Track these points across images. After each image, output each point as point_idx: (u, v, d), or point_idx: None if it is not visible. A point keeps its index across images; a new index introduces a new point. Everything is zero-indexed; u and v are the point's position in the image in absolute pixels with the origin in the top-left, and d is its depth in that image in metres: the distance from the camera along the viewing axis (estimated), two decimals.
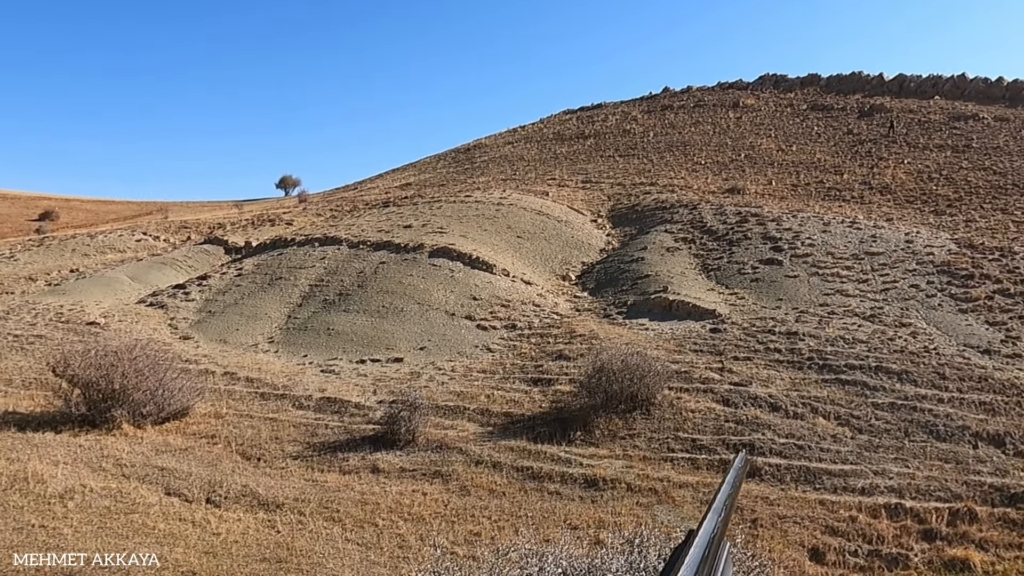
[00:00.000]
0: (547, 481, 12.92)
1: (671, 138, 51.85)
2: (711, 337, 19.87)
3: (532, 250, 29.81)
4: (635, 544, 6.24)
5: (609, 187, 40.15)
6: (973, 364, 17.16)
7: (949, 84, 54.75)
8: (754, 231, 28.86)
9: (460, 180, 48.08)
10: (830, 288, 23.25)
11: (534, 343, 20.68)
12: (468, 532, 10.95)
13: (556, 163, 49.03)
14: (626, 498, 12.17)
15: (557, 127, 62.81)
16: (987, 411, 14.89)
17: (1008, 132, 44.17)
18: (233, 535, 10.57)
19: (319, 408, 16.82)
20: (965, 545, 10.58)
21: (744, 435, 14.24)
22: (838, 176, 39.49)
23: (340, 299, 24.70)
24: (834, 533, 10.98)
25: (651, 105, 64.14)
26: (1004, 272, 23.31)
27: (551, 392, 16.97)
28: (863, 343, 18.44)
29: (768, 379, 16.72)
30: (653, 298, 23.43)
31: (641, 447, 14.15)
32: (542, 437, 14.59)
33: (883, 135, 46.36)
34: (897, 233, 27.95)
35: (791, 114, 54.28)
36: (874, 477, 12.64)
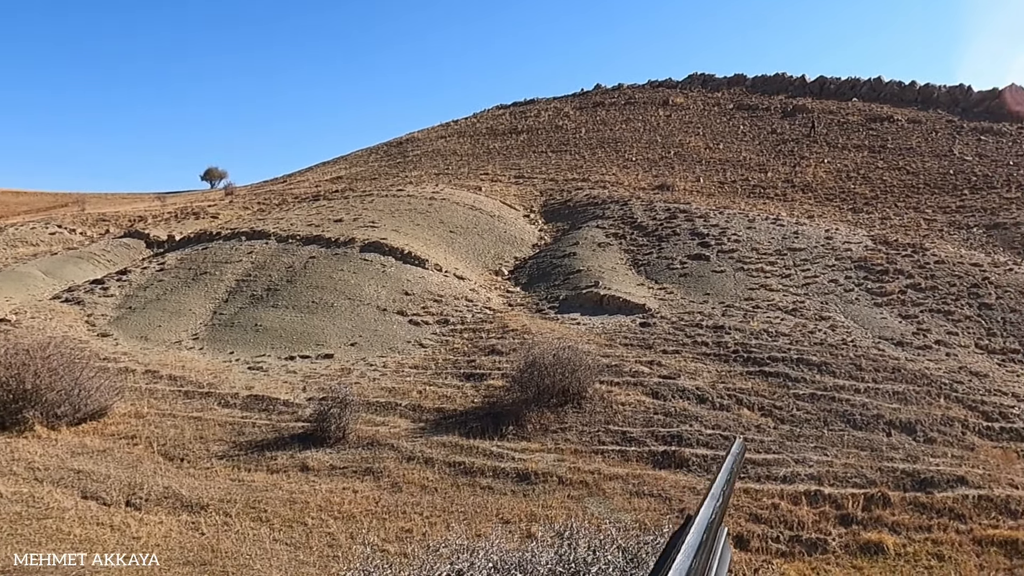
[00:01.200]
0: (479, 476, 12.92)
1: (603, 135, 52.47)
2: (641, 331, 20.21)
3: (465, 245, 29.75)
4: (565, 536, 6.29)
5: (542, 182, 40.38)
6: (887, 355, 17.93)
7: (866, 87, 56.97)
8: (683, 227, 29.46)
9: (392, 174, 47.60)
10: (755, 283, 23.93)
11: (467, 338, 20.65)
12: (399, 529, 10.86)
13: (489, 158, 49.04)
14: (558, 491, 12.27)
15: (490, 122, 62.80)
16: (900, 400, 15.57)
17: (920, 134, 46.26)
18: (154, 538, 10.22)
19: (246, 406, 16.42)
20: (879, 529, 11.05)
21: (672, 427, 14.53)
22: (763, 174, 40.67)
23: (268, 294, 24.15)
24: (758, 520, 11.31)
25: (583, 102, 64.75)
26: (916, 268, 24.42)
27: (484, 387, 16.98)
28: (785, 336, 19.05)
29: (696, 372, 17.11)
30: (585, 293, 23.69)
31: (572, 440, 14.29)
32: (474, 432, 14.59)
33: (805, 135, 47.94)
34: (818, 230, 28.95)
35: (718, 113, 55.61)
36: (795, 465, 13.07)
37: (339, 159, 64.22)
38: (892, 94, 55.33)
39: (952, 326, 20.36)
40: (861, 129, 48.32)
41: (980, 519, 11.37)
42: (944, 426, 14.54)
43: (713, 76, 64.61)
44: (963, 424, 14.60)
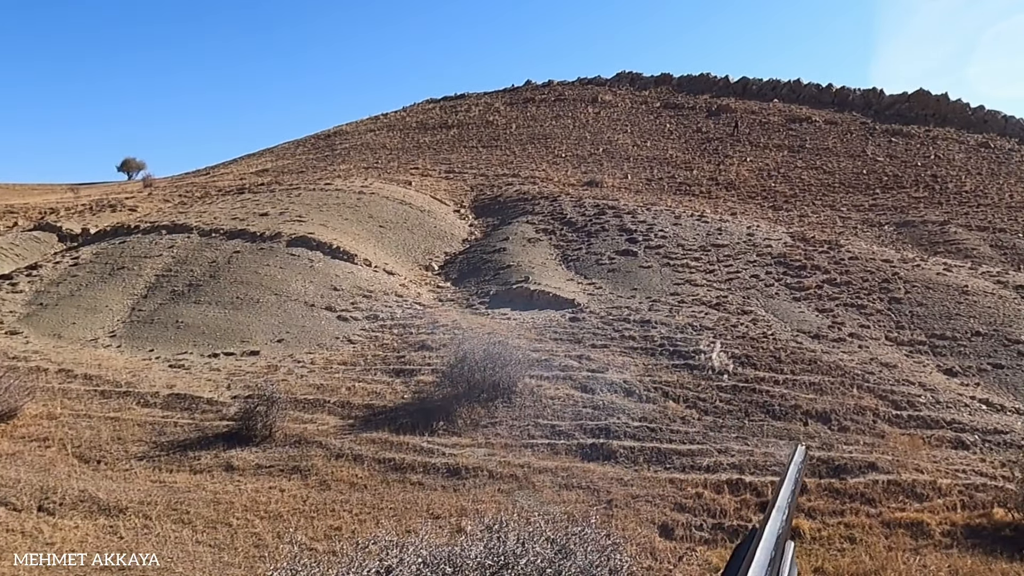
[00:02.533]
0: (409, 472, 12.88)
1: (533, 131, 52.77)
2: (570, 326, 20.46)
3: (395, 240, 29.51)
4: (494, 530, 6.34)
5: (472, 178, 40.36)
6: (805, 348, 18.64)
7: (786, 88, 58.91)
8: (611, 223, 29.91)
9: (320, 167, 46.79)
10: (680, 278, 24.51)
11: (396, 334, 20.52)
12: (328, 527, 10.75)
13: (419, 152, 48.72)
14: (488, 485, 12.34)
15: (420, 116, 62.38)
16: (816, 391, 16.22)
17: (836, 135, 48.14)
18: (69, 544, 9.84)
19: (167, 405, 15.93)
20: (796, 514, 11.49)
21: (601, 420, 14.78)
22: (688, 172, 41.64)
23: (190, 290, 23.45)
24: (682, 510, 11.62)
25: (514, 97, 64.95)
26: (832, 263, 25.43)
27: (413, 383, 16.92)
28: (709, 330, 19.58)
29: (623, 365, 17.43)
30: (515, 288, 23.82)
31: (502, 434, 14.39)
32: (404, 428, 14.53)
33: (728, 134, 49.29)
34: (740, 227, 29.82)
35: (646, 111, 56.61)
36: (718, 455, 13.49)
37: (265, 151, 62.73)
38: (810, 96, 57.39)
39: (864, 319, 21.30)
40: (781, 129, 49.97)
41: (889, 503, 11.97)
42: (857, 415, 15.22)
43: (641, 75, 65.71)
44: (874, 413, 15.31)
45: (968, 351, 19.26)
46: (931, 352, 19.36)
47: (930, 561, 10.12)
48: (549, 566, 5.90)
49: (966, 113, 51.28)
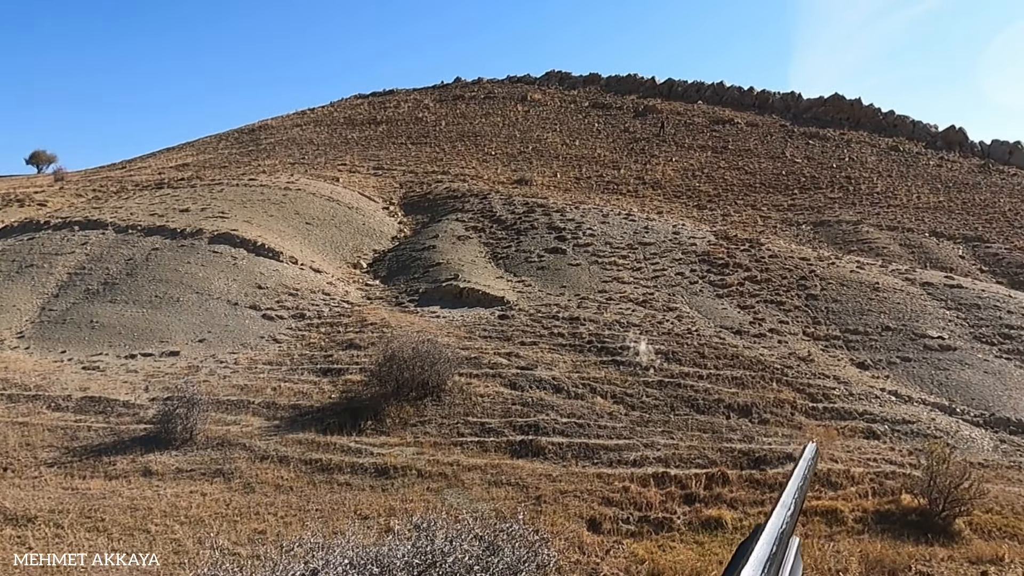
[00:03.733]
0: (337, 472, 12.70)
1: (463, 128, 52.65)
2: (500, 323, 20.52)
3: (322, 237, 29.01)
4: (422, 528, 6.31)
5: (401, 174, 40.03)
6: (727, 344, 19.17)
7: (710, 91, 60.43)
8: (540, 221, 30.12)
9: (244, 162, 45.59)
10: (608, 276, 24.87)
11: (324, 332, 20.18)
12: (252, 531, 10.49)
13: (347, 148, 48.01)
14: (417, 484, 12.27)
15: (348, 111, 61.48)
16: (738, 385, 16.71)
17: (757, 137, 49.65)
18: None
19: (80, 409, 15.27)
20: (719, 506, 11.84)
21: (530, 417, 14.87)
22: (616, 171, 42.27)
23: (106, 289, 22.52)
24: (609, 504, 11.80)
25: (443, 94, 64.68)
26: (753, 261, 26.24)
27: (341, 382, 16.68)
28: (636, 326, 19.93)
29: (552, 362, 17.58)
30: (444, 286, 23.74)
31: (432, 433, 14.33)
32: (332, 428, 14.31)
33: (655, 134, 50.25)
34: (666, 225, 30.44)
35: (575, 110, 57.19)
36: (645, 449, 13.75)
37: (185, 145, 60.74)
38: (733, 98, 59.02)
39: (783, 315, 22.05)
40: (705, 130, 51.23)
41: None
42: (776, 408, 15.75)
43: (570, 74, 66.35)
44: (792, 405, 15.88)
45: (879, 345, 20.16)
46: (845, 346, 20.18)
47: (843, 547, 10.55)
48: (477, 563, 5.91)
49: (877, 117, 53.63)
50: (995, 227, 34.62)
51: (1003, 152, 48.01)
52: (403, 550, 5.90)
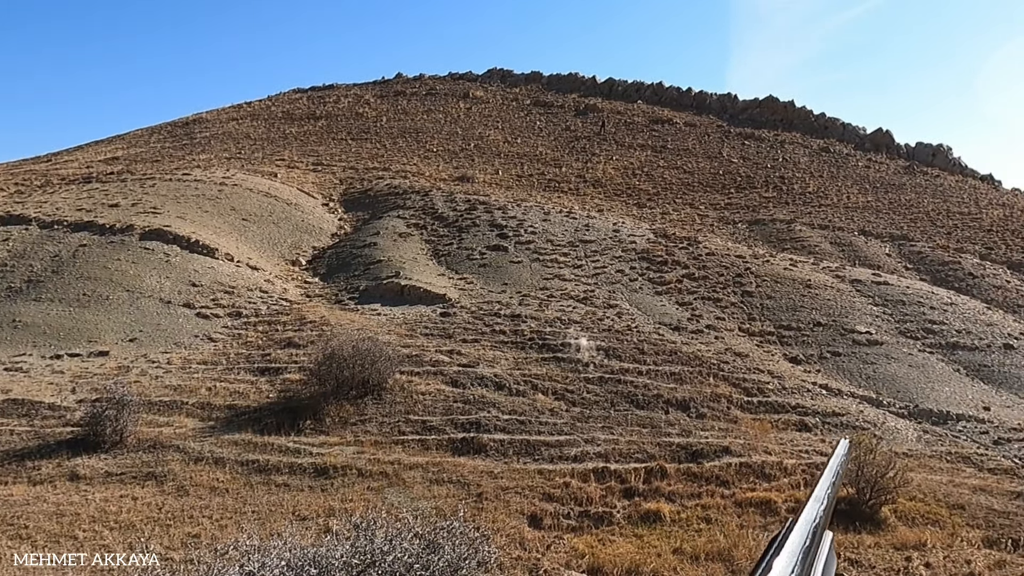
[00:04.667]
0: (275, 473, 12.45)
1: (404, 124, 52.26)
2: (441, 321, 20.44)
3: (259, 234, 28.42)
4: (362, 528, 6.25)
5: (341, 171, 39.51)
6: (666, 340, 19.49)
7: (649, 91, 61.33)
8: (482, 218, 30.11)
9: (177, 156, 44.34)
10: (550, 273, 25.02)
11: (261, 331, 19.79)
12: (186, 535, 10.21)
13: (285, 143, 47.15)
14: (357, 484, 12.13)
15: (287, 106, 60.37)
16: (676, 380, 17.01)
17: (695, 136, 50.60)
18: None
19: (2, 412, 14.62)
20: (657, 499, 12.02)
21: (471, 414, 14.86)
22: (557, 169, 42.53)
23: (29, 287, 21.62)
24: (550, 499, 11.87)
25: (384, 90, 64.08)
26: (691, 259, 26.74)
27: (279, 381, 16.37)
28: (577, 323, 20.10)
29: (494, 359, 17.60)
30: (385, 283, 23.53)
31: (372, 432, 14.18)
32: (270, 428, 14.03)
33: (595, 133, 50.75)
34: (607, 223, 30.78)
35: (516, 108, 57.34)
36: (585, 445, 13.87)
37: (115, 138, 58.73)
38: (672, 99, 60.02)
39: (720, 312, 22.54)
40: (645, 130, 51.97)
41: (741, 484, 12.72)
42: (713, 402, 16.09)
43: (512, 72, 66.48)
44: (728, 400, 16.24)
45: (810, 340, 20.79)
46: (778, 342, 20.75)
47: None
48: (417, 561, 5.88)
49: (810, 119, 55.24)
50: (919, 226, 36.04)
51: (926, 154, 50.02)
52: (342, 550, 5.83)
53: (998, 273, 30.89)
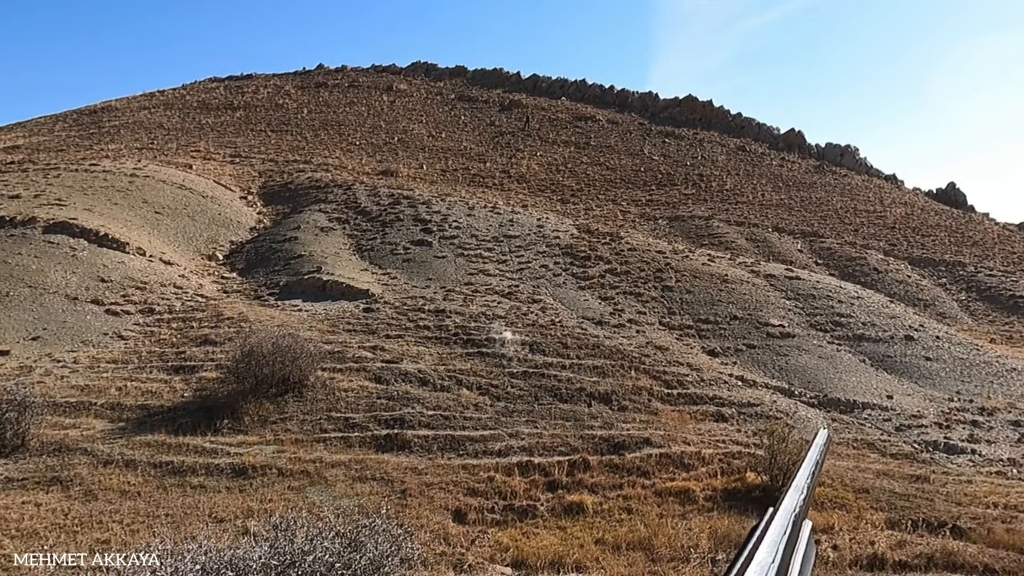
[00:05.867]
0: (190, 475, 12.05)
1: (326, 116, 51.29)
2: (364, 317, 20.18)
3: (173, 227, 27.42)
4: (281, 528, 6.12)
5: (260, 163, 38.50)
6: (589, 334, 19.76)
7: (573, 87, 61.96)
8: (406, 213, 29.85)
9: (84, 146, 42.32)
10: (474, 268, 25.01)
11: (175, 328, 19.11)
12: (94, 541, 9.77)
13: (201, 134, 45.61)
14: (277, 483, 11.86)
15: (202, 95, 58.40)
16: (599, 374, 17.27)
17: (618, 134, 51.40)
18: None
19: None
20: (580, 491, 12.19)
21: (395, 410, 14.73)
22: (482, 164, 42.53)
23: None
24: (475, 494, 11.88)
25: (305, 81, 62.75)
26: (613, 254, 27.17)
27: (195, 380, 15.85)
28: (502, 318, 20.17)
29: (418, 355, 17.49)
30: (307, 278, 23.07)
31: (293, 430, 13.90)
32: (184, 428, 13.57)
33: (520, 128, 50.97)
34: (531, 218, 30.97)
35: (441, 102, 57.03)
36: (509, 439, 13.94)
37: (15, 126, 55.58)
38: (595, 96, 60.79)
39: (641, 306, 23.00)
40: (569, 126, 52.49)
41: (661, 474, 13.03)
42: (634, 395, 16.40)
43: (436, 66, 66.09)
44: (649, 392, 16.59)
45: (727, 333, 21.43)
46: (697, 335, 21.31)
47: (695, 524, 11.15)
48: (338, 560, 5.80)
49: (727, 119, 56.88)
50: (828, 224, 37.63)
51: (835, 154, 52.22)
52: (260, 552, 5.69)
53: (900, 268, 32.56)
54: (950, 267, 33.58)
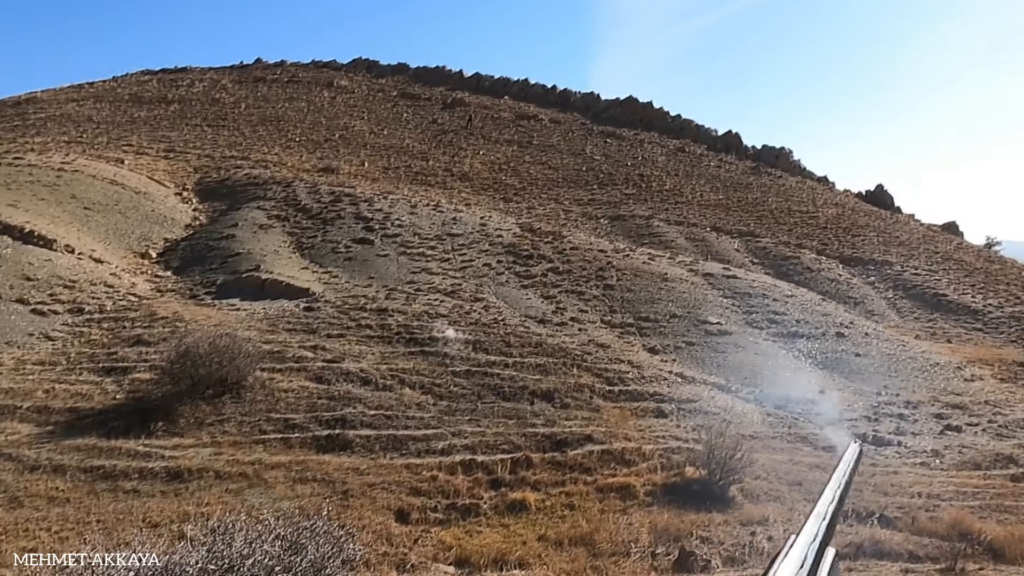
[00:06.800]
0: (123, 479, 11.69)
1: (264, 112, 50.29)
2: (305, 315, 19.88)
3: (104, 224, 26.52)
4: (219, 532, 5.99)
5: (196, 158, 37.52)
6: (531, 332, 19.86)
7: (516, 87, 62.12)
8: (347, 211, 29.50)
9: (8, 139, 40.57)
10: (417, 267, 24.88)
11: (107, 328, 18.50)
12: (20, 550, 9.39)
13: (133, 128, 44.22)
14: (215, 486, 11.60)
15: (135, 88, 56.61)
16: (541, 372, 17.37)
17: (560, 133, 51.75)
18: None
19: None
20: (523, 488, 12.26)
21: (337, 410, 14.55)
22: (424, 162, 42.31)
23: None
24: (418, 493, 11.84)
25: (243, 75, 61.41)
26: (556, 253, 27.37)
27: (128, 382, 15.36)
28: (445, 317, 20.12)
29: (360, 354, 17.31)
30: (245, 277, 22.60)
31: (231, 432, 13.60)
32: (117, 432, 13.15)
33: (463, 127, 50.88)
34: (474, 217, 30.95)
35: (383, 99, 56.51)
36: (452, 438, 13.92)
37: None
38: (537, 95, 61.06)
39: (583, 305, 23.22)
40: (511, 125, 52.63)
41: (603, 470, 13.19)
42: (576, 392, 16.56)
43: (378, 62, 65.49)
44: (591, 390, 16.77)
45: (667, 331, 21.81)
46: (638, 333, 21.63)
47: (635, 519, 11.33)
48: (278, 563, 5.71)
49: (667, 120, 57.83)
50: (764, 224, 38.61)
51: (771, 156, 53.61)
52: (197, 556, 5.57)
53: (832, 267, 33.63)
54: (878, 266, 34.85)
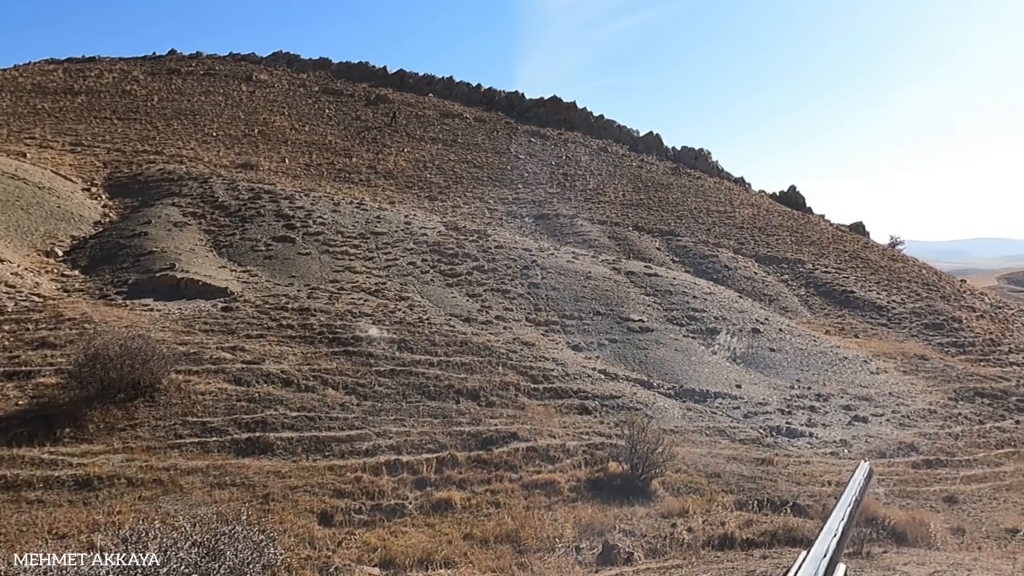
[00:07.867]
0: (26, 489, 11.11)
1: (179, 105, 48.58)
2: (223, 316, 19.30)
3: (4, 221, 25.12)
4: (132, 541, 5.78)
5: (106, 153, 35.96)
6: (457, 331, 19.83)
7: (440, 84, 61.84)
8: (267, 208, 28.81)
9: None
10: (340, 265, 24.50)
11: (8, 330, 17.51)
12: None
13: (37, 120, 42.03)
14: (127, 494, 11.16)
15: (38, 78, 53.79)
16: (467, 371, 17.37)
17: (484, 132, 51.80)
18: None
19: None
20: (449, 488, 12.24)
21: (257, 413, 14.20)
22: (348, 159, 41.68)
23: None
24: (341, 495, 11.67)
25: (156, 67, 59.16)
26: (481, 251, 27.39)
27: (31, 387, 14.59)
28: (368, 316, 19.88)
29: (281, 355, 16.93)
30: (159, 276, 21.79)
31: (144, 437, 13.10)
32: (19, 439, 12.48)
33: (387, 124, 50.34)
34: (398, 215, 30.68)
35: (304, 95, 55.36)
36: (377, 438, 13.78)
37: None
38: (462, 94, 60.93)
39: (509, 303, 23.32)
40: (436, 123, 52.36)
41: (528, 467, 13.30)
42: (502, 390, 16.63)
43: (299, 57, 64.13)
44: (516, 388, 16.86)
45: (591, 328, 22.13)
46: (562, 330, 21.87)
47: (560, 515, 11.48)
48: (195, 571, 5.54)
49: (590, 121, 58.59)
50: (684, 223, 39.60)
51: (690, 157, 54.99)
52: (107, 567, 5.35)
53: (748, 265, 34.77)
54: (791, 264, 36.22)
